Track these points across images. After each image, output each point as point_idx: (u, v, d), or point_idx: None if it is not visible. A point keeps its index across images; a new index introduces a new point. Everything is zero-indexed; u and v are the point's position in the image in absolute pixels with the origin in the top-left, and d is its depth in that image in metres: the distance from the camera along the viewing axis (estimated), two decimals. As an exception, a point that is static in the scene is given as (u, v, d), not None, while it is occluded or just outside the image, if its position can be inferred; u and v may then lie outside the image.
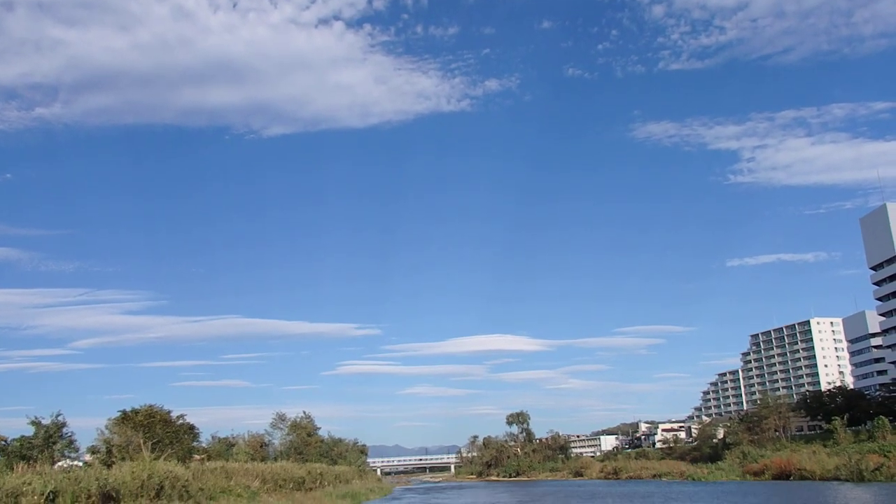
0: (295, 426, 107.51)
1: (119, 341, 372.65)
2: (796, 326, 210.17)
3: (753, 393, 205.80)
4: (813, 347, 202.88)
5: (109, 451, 54.44)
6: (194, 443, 68.07)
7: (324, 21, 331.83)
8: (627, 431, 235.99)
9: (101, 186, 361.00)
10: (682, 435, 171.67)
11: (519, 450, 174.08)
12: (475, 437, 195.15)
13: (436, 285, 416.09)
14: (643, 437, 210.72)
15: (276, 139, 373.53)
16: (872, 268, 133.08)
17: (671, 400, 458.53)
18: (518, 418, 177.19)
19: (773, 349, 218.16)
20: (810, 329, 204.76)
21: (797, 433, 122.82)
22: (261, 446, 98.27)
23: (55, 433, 54.28)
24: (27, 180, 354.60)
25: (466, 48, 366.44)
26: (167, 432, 58.81)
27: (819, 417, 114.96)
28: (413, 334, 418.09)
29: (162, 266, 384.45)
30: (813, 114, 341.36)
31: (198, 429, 68.03)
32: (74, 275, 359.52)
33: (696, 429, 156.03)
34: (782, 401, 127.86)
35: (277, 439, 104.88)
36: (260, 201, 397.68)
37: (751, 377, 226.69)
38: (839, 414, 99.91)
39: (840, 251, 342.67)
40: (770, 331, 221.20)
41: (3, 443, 53.90)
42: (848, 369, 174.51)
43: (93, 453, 57.00)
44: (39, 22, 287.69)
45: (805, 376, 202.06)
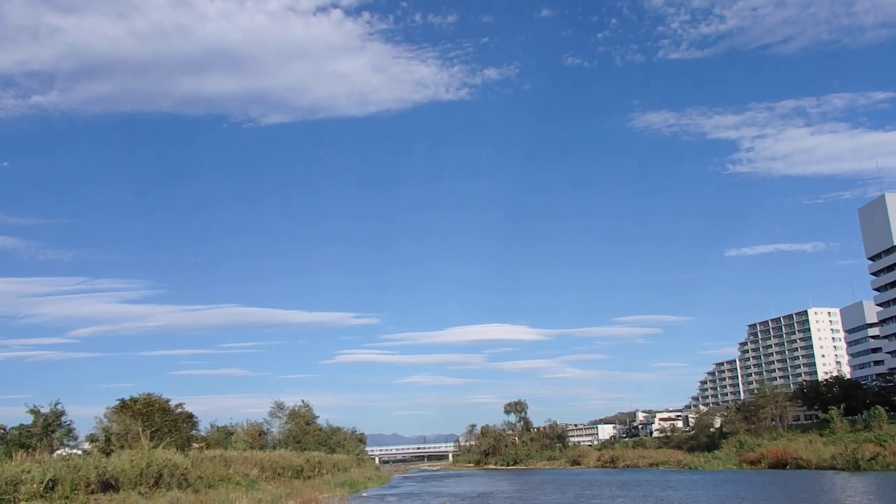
0: (293, 415, 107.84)
1: (117, 330, 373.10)
2: (794, 316, 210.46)
3: (751, 382, 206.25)
4: (810, 337, 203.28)
5: (108, 440, 54.56)
6: (193, 431, 68.33)
7: (322, 9, 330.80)
8: (625, 420, 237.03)
9: (99, 175, 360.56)
10: (680, 424, 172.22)
11: (517, 438, 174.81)
12: (473, 426, 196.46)
13: (434, 274, 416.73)
14: (640, 426, 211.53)
15: (275, 128, 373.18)
16: (870, 258, 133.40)
17: (669, 389, 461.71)
18: (516, 407, 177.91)
19: (771, 339, 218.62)
20: (808, 319, 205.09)
21: (794, 423, 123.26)
22: (259, 435, 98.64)
23: (54, 422, 54.29)
24: (24, 169, 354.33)
25: (465, 36, 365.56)
26: (166, 421, 58.96)
27: (816, 407, 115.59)
28: (411, 323, 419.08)
29: (160, 255, 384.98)
30: (812, 104, 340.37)
31: (196, 417, 68.52)
32: (72, 263, 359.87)
33: (694, 418, 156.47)
34: (779, 390, 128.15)
35: (276, 428, 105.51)
36: (258, 190, 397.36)
37: (748, 367, 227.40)
38: (836, 403, 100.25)
39: (838, 241, 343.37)
40: (768, 321, 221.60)
41: (2, 431, 53.84)
42: (845, 359, 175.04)
43: (91, 441, 57.09)
44: (37, 9, 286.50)
45: (802, 366, 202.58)
